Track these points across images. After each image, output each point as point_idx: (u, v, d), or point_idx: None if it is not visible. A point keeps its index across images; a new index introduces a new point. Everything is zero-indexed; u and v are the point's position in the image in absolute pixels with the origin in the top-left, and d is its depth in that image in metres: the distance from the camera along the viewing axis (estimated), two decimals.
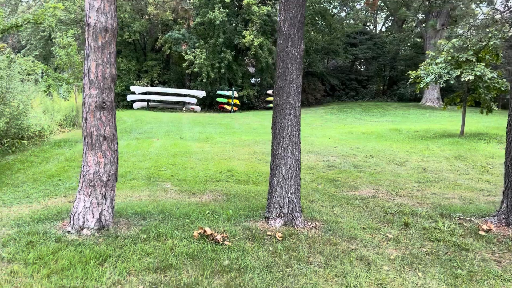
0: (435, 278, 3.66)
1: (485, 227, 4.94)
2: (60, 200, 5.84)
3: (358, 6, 43.51)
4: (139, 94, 29.71)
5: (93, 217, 4.08)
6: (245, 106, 32.96)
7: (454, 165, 10.53)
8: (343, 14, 44.18)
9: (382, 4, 32.33)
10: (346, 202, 6.39)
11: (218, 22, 29.37)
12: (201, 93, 31.02)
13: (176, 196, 6.34)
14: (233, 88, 31.21)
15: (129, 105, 30.43)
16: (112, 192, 4.24)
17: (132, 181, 7.45)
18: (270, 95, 33.59)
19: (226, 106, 31.29)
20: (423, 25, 34.04)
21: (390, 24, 46.30)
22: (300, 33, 4.85)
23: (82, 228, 4.07)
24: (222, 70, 31.00)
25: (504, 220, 5.10)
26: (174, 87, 33.76)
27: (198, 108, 31.12)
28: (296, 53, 4.84)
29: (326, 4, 36.40)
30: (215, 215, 5.07)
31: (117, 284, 3.19)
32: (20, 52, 32.93)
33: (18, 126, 10.83)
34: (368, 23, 47.57)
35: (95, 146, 4.06)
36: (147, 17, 32.88)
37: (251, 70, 36.72)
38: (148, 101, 30.30)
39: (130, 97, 29.68)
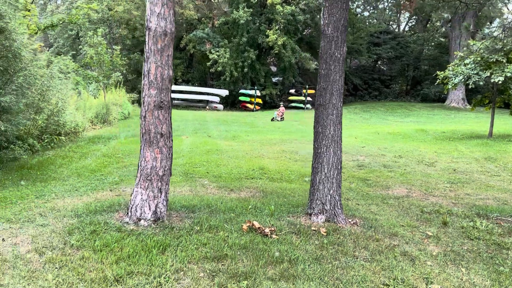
0: (478, 274, 3.79)
1: None
2: (107, 194, 6.15)
3: (381, 6, 43.23)
4: None
5: (149, 209, 4.35)
6: (267, 105, 33.15)
7: (484, 167, 10.50)
8: (366, 13, 43.96)
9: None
10: (381, 201, 6.52)
11: (242, 21, 29.64)
12: (224, 92, 31.36)
13: (216, 192, 6.59)
14: (255, 87, 31.44)
15: None
16: (167, 186, 4.50)
17: (171, 177, 7.71)
18: (292, 94, 33.72)
19: (248, 105, 31.54)
20: (449, 25, 33.59)
21: (413, 23, 45.80)
22: (343, 36, 5.01)
23: (139, 219, 4.34)
24: (245, 69, 31.26)
25: None
26: (197, 86, 34.22)
27: (221, 106, 31.47)
28: (339, 55, 5.01)
29: (350, 3, 36.31)
30: (258, 210, 5.29)
31: (180, 271, 3.43)
32: (48, 50, 33.81)
33: (56, 122, 11.26)
34: (391, 23, 47.17)
35: (152, 143, 4.32)
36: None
37: (273, 69, 36.88)
38: (172, 99, 30.73)
39: None
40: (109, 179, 7.42)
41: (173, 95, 30.72)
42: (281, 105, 25.36)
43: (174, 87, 31.14)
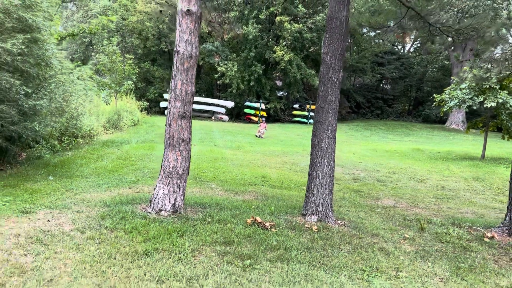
0: (441, 267, 4.56)
1: (489, 235, 5.80)
2: (127, 191, 6.96)
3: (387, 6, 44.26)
4: None
5: (169, 202, 5.16)
6: (271, 118, 34.03)
7: (471, 186, 11.27)
8: (372, 33, 45.08)
9: (413, 37, 33.14)
10: (369, 209, 7.31)
11: (251, 37, 30.69)
12: (230, 104, 32.30)
13: (223, 194, 7.39)
14: (261, 100, 32.36)
15: (161, 112, 31.87)
16: (184, 183, 5.32)
17: None
18: (296, 109, 34.63)
19: (253, 117, 32.43)
20: (451, 48, 34.59)
21: (418, 45, 46.90)
22: (339, 63, 5.87)
23: (160, 210, 5.15)
24: (252, 83, 32.22)
25: (507, 231, 5.94)
26: (203, 96, 35.19)
27: (226, 117, 32.37)
28: (335, 80, 5.86)
29: (356, 23, 37.39)
30: (260, 210, 6.09)
31: (196, 251, 4.23)
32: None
33: (75, 126, 12.13)
34: (396, 43, 48.29)
35: (175, 146, 5.15)
36: (162, 16, 34.31)
37: (278, 83, 37.86)
38: None
39: (162, 104, 31.14)
40: (127, 178, 8.23)
41: None
42: (262, 121, 23.65)
43: None
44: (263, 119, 24.63)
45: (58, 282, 3.29)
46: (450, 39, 7.46)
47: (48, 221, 4.79)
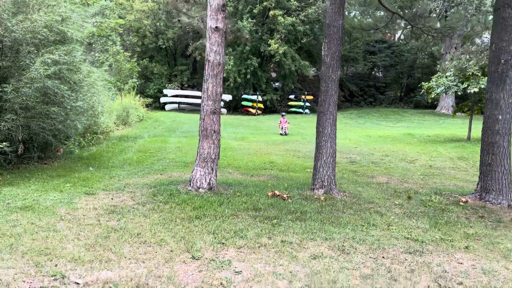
0: (423, 223, 5.86)
1: (463, 199, 7.12)
2: (161, 176, 8.20)
3: (378, 14, 45.49)
4: (171, 96, 32.25)
5: (205, 181, 6.42)
6: (268, 109, 35.23)
7: (456, 164, 12.62)
8: (358, 18, 46.18)
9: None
10: (365, 185, 8.60)
11: (246, 31, 31.77)
12: (228, 97, 33.45)
13: (240, 176, 8.66)
14: (257, 93, 33.54)
15: (161, 107, 32.92)
16: (216, 166, 6.57)
17: None
18: (292, 100, 35.86)
19: (250, 110, 33.61)
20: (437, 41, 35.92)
21: (406, 29, 48.09)
22: (337, 63, 7.11)
23: (198, 188, 6.41)
24: (248, 76, 33.36)
25: (478, 196, 7.26)
26: (201, 91, 36.28)
27: (224, 110, 33.53)
28: (334, 77, 7.11)
29: (347, 13, 38.50)
30: (275, 187, 7.36)
31: (233, 215, 5.49)
32: None
33: (96, 123, 13.31)
34: (386, 31, 49.45)
35: (208, 136, 6.39)
36: (179, 25, 35.38)
37: (274, 75, 39.01)
38: (179, 103, 32.83)
39: (163, 99, 32.21)
40: (155, 167, 9.47)
41: (179, 100, 32.70)
42: (282, 116, 20.62)
43: (180, 92, 33.15)
44: (283, 114, 21.40)
45: (144, 235, 4.54)
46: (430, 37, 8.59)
47: (112, 199, 6.03)
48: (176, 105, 32.72)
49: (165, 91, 32.45)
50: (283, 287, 3.48)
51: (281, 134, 19.43)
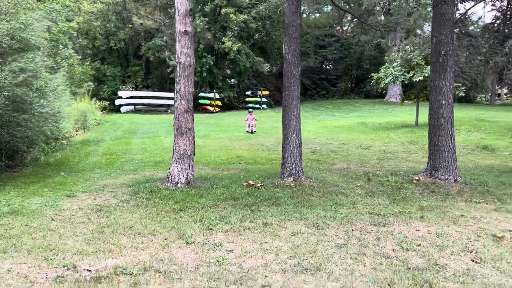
0: (383, 200, 6.57)
1: (416, 178, 7.95)
2: (135, 176, 8.47)
3: (326, 9, 46.96)
4: (126, 98, 31.90)
5: (183, 176, 6.80)
6: (226, 106, 35.62)
7: (407, 148, 13.66)
8: (312, 17, 47.53)
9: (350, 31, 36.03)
10: (328, 171, 9.29)
11: (199, 30, 31.94)
12: None
13: (212, 171, 9.08)
14: (214, 90, 33.84)
15: (116, 109, 32.41)
16: (192, 162, 6.97)
17: None
18: (248, 96, 36.45)
19: (208, 107, 33.85)
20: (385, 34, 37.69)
21: (354, 25, 49.99)
22: (298, 60, 7.69)
23: (177, 183, 6.78)
24: (204, 74, 33.54)
25: (429, 174, 8.11)
26: (157, 91, 36.09)
27: None
28: (296, 73, 7.69)
29: (304, 25, 39.50)
30: (248, 178, 7.85)
31: (215, 206, 5.93)
32: None
33: (57, 129, 13.21)
34: (335, 24, 51.10)
35: (183, 134, 6.77)
36: (130, 25, 34.95)
37: (228, 72, 39.41)
38: (135, 104, 32.53)
39: (117, 102, 31.78)
40: (125, 168, 9.68)
41: (135, 101, 32.40)
42: (250, 113, 19.21)
43: (136, 93, 32.84)
44: (251, 110, 19.88)
45: (137, 228, 4.89)
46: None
47: (94, 199, 6.30)
48: (132, 107, 32.40)
49: (119, 93, 32.03)
50: (271, 259, 3.99)
51: (247, 132, 18.38)
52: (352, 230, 4.98)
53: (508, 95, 44.83)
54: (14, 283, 3.33)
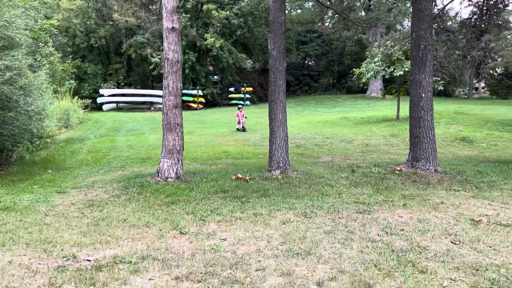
0: (367, 189, 6.82)
1: (398, 168, 8.24)
2: (123, 172, 8.54)
3: (307, 5, 47.28)
4: (107, 96, 31.61)
5: (173, 171, 6.93)
6: (210, 103, 35.64)
7: (389, 141, 14.02)
8: (293, 13, 47.79)
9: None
10: (313, 164, 9.52)
11: (181, 26, 31.85)
12: None
13: (200, 166, 9.22)
14: (197, 87, 33.81)
15: (98, 108, 32.09)
16: (181, 157, 7.10)
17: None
18: (232, 92, 36.54)
19: (192, 104, 33.81)
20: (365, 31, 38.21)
21: (336, 21, 50.46)
22: (283, 56, 7.87)
23: (167, 178, 6.90)
24: (187, 71, 33.46)
25: (410, 165, 8.42)
26: (139, 88, 35.87)
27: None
28: (281, 68, 7.87)
29: (288, 21, 39.66)
30: (235, 172, 8.02)
31: (205, 198, 6.08)
32: None
33: (42, 128, 13.13)
34: (316, 20, 51.46)
35: (172, 130, 6.89)
36: (111, 22, 34.60)
37: (211, 68, 39.40)
38: (117, 102, 32.28)
39: (99, 100, 31.45)
40: (113, 165, 9.74)
41: (117, 99, 32.13)
42: (239, 109, 18.11)
43: (117, 91, 32.56)
44: (240, 106, 18.68)
45: (131, 220, 5.02)
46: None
47: (86, 195, 6.38)
48: (114, 105, 32.15)
49: (101, 91, 31.73)
50: (263, 246, 4.18)
51: (238, 129, 17.27)
52: (339, 218, 5.20)
53: (486, 88, 46.00)
54: (17, 273, 3.44)
